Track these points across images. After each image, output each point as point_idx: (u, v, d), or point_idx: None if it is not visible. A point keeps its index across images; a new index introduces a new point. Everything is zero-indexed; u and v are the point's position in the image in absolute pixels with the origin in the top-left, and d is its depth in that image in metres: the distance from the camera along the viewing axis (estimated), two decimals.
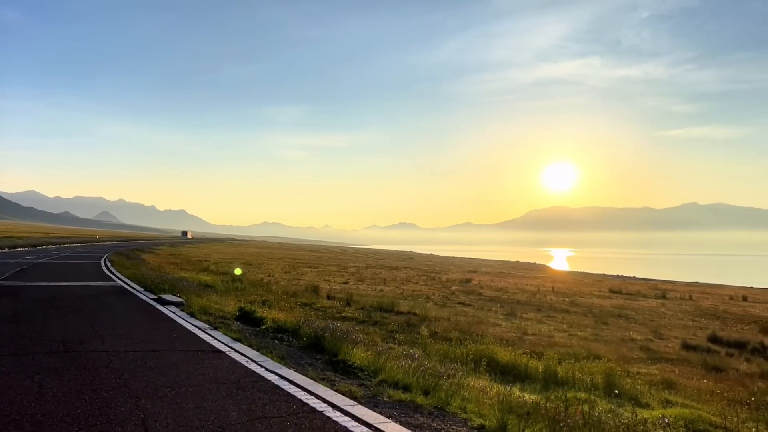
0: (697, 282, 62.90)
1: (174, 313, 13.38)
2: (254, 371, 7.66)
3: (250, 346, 9.52)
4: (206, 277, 26.27)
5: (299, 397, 6.45)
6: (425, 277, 45.42)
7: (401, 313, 20.77)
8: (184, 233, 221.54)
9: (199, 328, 11.17)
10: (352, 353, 8.85)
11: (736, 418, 7.95)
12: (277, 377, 7.36)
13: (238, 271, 33.99)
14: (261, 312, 13.61)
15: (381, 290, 31.42)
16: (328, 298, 24.22)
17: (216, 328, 11.24)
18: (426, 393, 6.94)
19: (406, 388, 7.14)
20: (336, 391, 6.80)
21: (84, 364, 7.67)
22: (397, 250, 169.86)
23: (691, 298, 38.15)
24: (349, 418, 5.70)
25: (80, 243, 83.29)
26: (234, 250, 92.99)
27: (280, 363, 8.23)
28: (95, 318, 12.18)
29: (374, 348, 9.75)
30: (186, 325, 11.55)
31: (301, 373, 7.66)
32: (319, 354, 9.28)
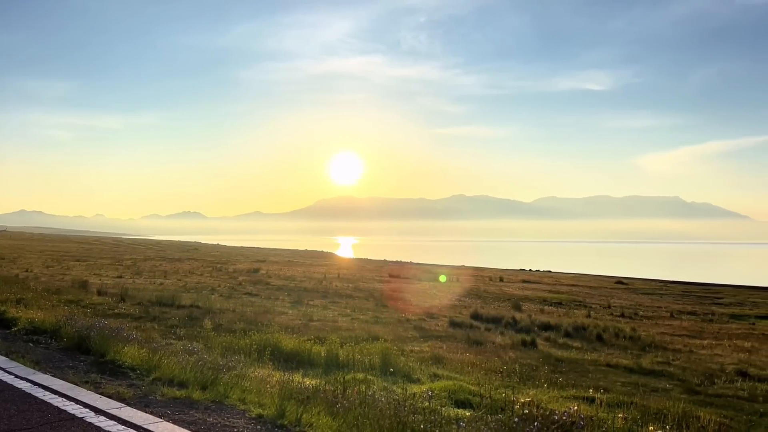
0: (463, 265, 69.99)
1: None
2: (0, 380, 6.69)
3: None
4: None
5: (56, 404, 5.78)
6: (211, 269, 43.85)
7: (183, 306, 19.78)
8: None
9: None
10: (123, 352, 8.19)
11: (490, 386, 8.97)
12: (29, 384, 6.52)
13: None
14: (14, 312, 11.93)
15: (161, 284, 29.60)
16: (99, 293, 22.13)
17: None
18: (204, 388, 6.69)
19: (183, 385, 6.81)
20: (101, 394, 6.22)
21: None
22: (180, 241, 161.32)
23: (458, 280, 42.29)
24: (115, 422, 5.26)
25: None
26: None
27: (34, 368, 7.31)
28: None
29: (150, 345, 9.12)
30: None
31: (60, 378, 6.88)
32: (84, 355, 8.43)
